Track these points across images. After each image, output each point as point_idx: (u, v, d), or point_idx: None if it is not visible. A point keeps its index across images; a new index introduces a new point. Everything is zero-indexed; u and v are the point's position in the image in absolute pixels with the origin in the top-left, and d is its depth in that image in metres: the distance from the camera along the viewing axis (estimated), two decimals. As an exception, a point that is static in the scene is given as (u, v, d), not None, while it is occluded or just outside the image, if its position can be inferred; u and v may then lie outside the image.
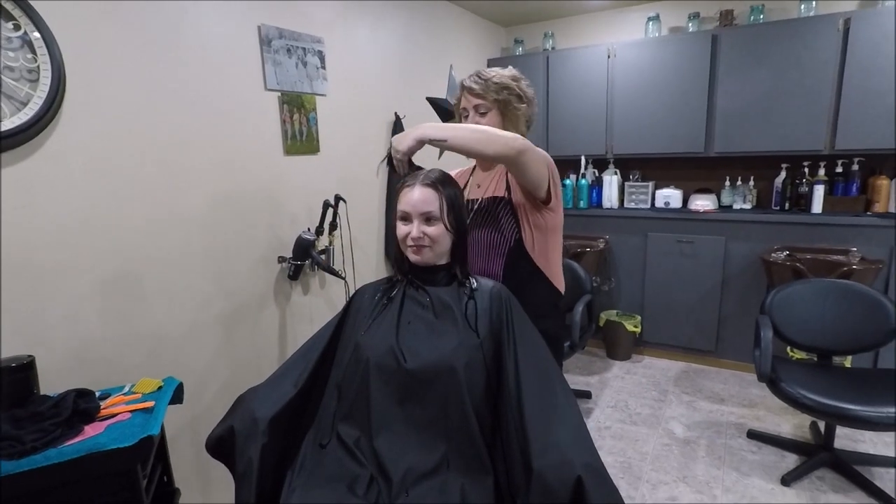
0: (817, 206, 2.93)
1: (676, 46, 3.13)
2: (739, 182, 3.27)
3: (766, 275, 2.89)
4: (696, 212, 3.20)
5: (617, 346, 3.45)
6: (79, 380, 1.42)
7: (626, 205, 3.56)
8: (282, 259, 2.12)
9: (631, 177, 3.59)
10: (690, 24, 3.23)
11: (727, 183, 3.33)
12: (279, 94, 2.05)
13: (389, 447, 1.06)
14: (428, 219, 1.15)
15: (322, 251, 2.23)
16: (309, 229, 2.18)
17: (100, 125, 1.48)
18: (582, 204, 3.59)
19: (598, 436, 2.52)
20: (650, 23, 3.32)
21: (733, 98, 3.01)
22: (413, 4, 2.86)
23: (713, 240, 3.11)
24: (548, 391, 1.08)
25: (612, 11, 3.59)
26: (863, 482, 2.07)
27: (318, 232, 2.17)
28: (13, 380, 1.18)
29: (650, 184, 3.48)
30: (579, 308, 2.60)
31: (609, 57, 3.31)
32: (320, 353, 1.23)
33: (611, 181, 3.50)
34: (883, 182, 2.83)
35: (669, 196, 3.40)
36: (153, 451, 1.22)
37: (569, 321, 2.58)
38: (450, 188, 1.19)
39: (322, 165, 2.30)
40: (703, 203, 3.24)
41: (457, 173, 1.54)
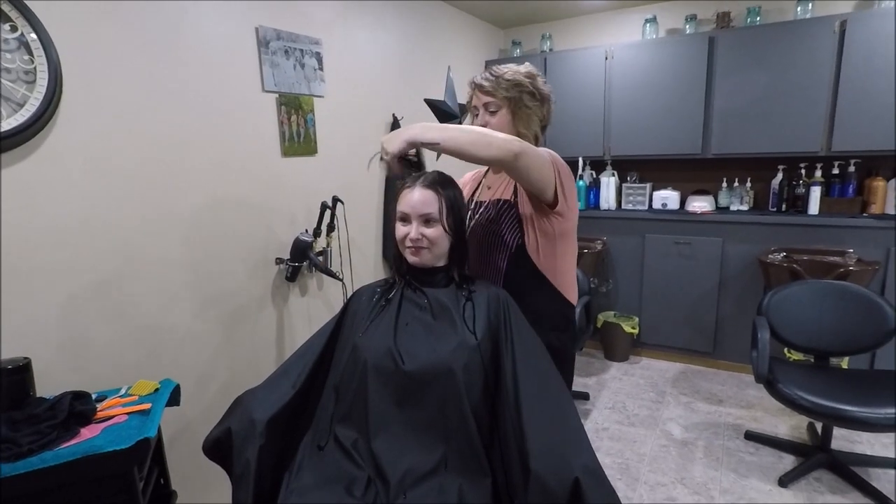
0: (814, 207, 2.94)
1: (674, 48, 3.14)
2: (736, 183, 3.28)
3: (763, 276, 2.90)
4: (694, 213, 3.21)
5: (615, 348, 3.45)
6: (75, 381, 1.42)
7: (623, 206, 3.56)
8: (279, 260, 2.12)
9: (628, 178, 3.60)
10: (687, 26, 3.23)
11: (724, 184, 3.34)
12: (277, 95, 2.05)
13: (387, 449, 1.06)
14: (427, 220, 1.15)
15: (320, 253, 2.22)
16: (307, 231, 2.17)
17: (98, 126, 1.48)
18: (579, 205, 3.59)
19: (596, 437, 2.52)
20: (647, 25, 3.33)
21: (730, 99, 3.02)
22: (411, 6, 2.86)
23: (710, 241, 3.12)
24: (546, 392, 1.08)
25: (610, 13, 3.60)
26: (860, 483, 2.08)
27: (316, 233, 2.17)
28: (9, 382, 1.17)
29: (647, 185, 3.48)
30: (577, 309, 2.59)
31: (607, 59, 3.32)
32: (318, 355, 1.22)
33: (608, 183, 3.50)
34: (879, 183, 2.84)
35: (667, 197, 3.40)
36: (150, 453, 1.22)
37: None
38: (450, 190, 1.19)
39: (320, 167, 2.30)
40: (700, 204, 3.25)
41: (472, 175, 1.52)
